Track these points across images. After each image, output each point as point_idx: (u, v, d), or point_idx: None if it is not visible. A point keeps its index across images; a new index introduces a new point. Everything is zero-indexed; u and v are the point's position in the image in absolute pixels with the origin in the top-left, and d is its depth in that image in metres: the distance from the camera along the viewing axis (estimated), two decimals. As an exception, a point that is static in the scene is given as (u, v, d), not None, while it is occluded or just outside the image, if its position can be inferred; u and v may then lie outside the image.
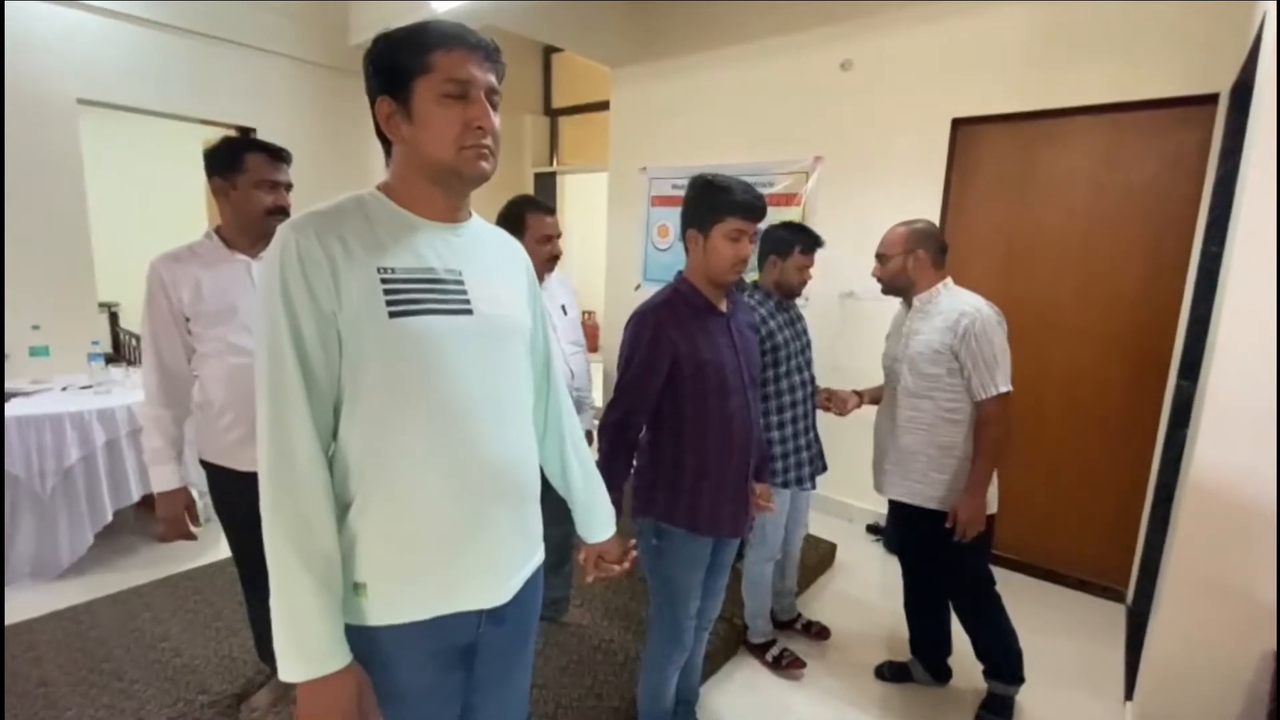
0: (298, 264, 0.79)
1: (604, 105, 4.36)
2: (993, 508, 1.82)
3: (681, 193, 3.95)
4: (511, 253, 1.04)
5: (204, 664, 1.97)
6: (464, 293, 0.89)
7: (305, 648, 0.80)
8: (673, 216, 4.00)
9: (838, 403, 2.10)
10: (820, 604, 2.57)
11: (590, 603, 2.34)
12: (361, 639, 0.86)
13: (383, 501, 0.86)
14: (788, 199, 3.51)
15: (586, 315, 5.26)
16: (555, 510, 1.19)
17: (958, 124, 2.88)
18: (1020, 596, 2.71)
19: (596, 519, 1.20)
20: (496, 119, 0.88)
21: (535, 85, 5.11)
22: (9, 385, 2.76)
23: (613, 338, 4.38)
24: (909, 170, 3.03)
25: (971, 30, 2.80)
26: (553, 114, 5.16)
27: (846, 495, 3.35)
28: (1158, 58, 2.42)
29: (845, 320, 3.34)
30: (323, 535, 0.81)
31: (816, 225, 3.51)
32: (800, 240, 2.06)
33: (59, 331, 3.04)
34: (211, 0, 3.38)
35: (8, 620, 2.16)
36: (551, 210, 2.06)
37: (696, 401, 1.44)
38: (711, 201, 1.40)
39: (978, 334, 1.69)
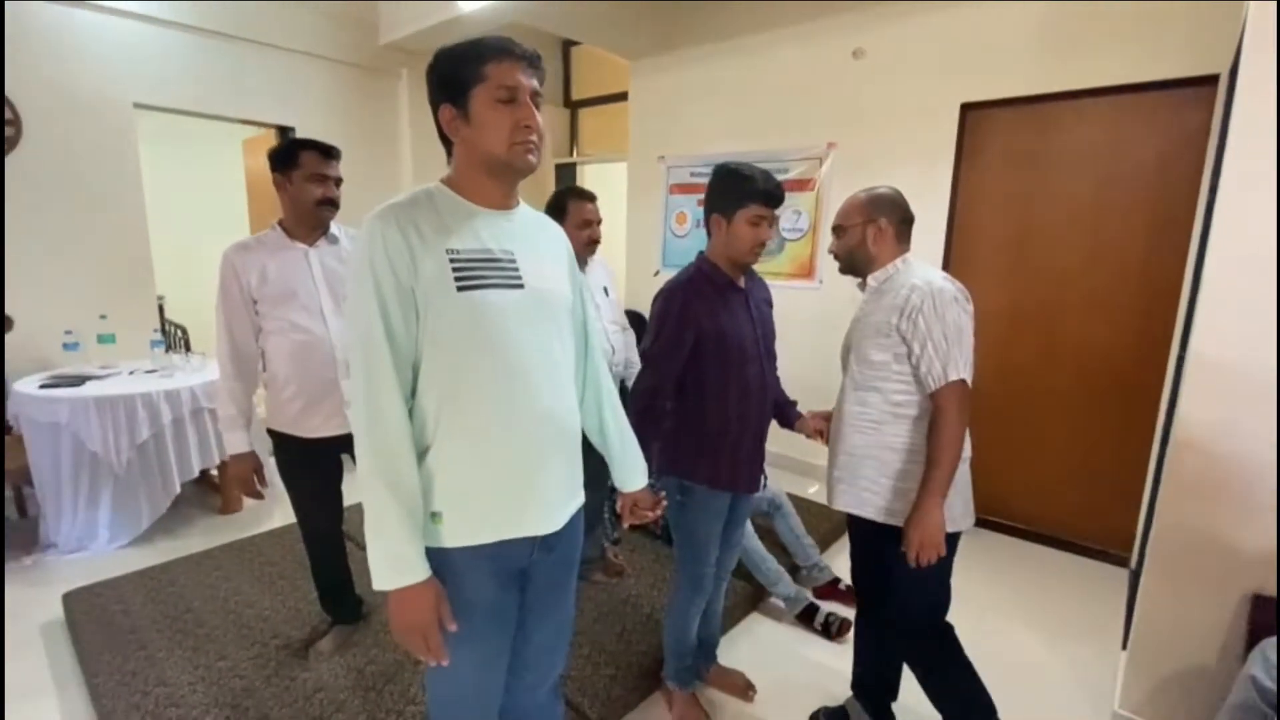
0: (383, 248, 0.96)
1: (622, 96, 4.49)
2: (962, 524, 1.49)
3: (699, 180, 4.14)
4: (553, 234, 1.21)
5: (274, 614, 2.19)
6: (516, 270, 1.06)
7: (395, 563, 0.97)
8: (690, 204, 4.14)
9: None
10: (836, 569, 2.72)
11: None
12: (438, 559, 1.04)
13: (455, 445, 1.03)
14: (802, 184, 3.63)
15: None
16: (590, 476, 1.33)
17: (967, 109, 2.98)
18: (1030, 564, 2.86)
19: (631, 470, 1.36)
20: (540, 117, 1.04)
21: (554, 78, 5.24)
22: (83, 369, 3.00)
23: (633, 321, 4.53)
24: (920, 154, 3.13)
25: (980, 16, 2.89)
26: (572, 106, 5.30)
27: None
28: (1161, 40, 2.50)
29: (855, 301, 3.46)
30: (407, 473, 0.99)
31: (831, 209, 3.63)
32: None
33: (121, 320, 3.27)
34: (253, 4, 3.57)
35: (97, 577, 2.41)
36: (591, 197, 2.21)
37: (718, 369, 1.59)
38: (736, 189, 1.54)
39: (926, 312, 1.39)
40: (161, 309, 5.60)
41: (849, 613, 2.40)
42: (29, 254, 3.02)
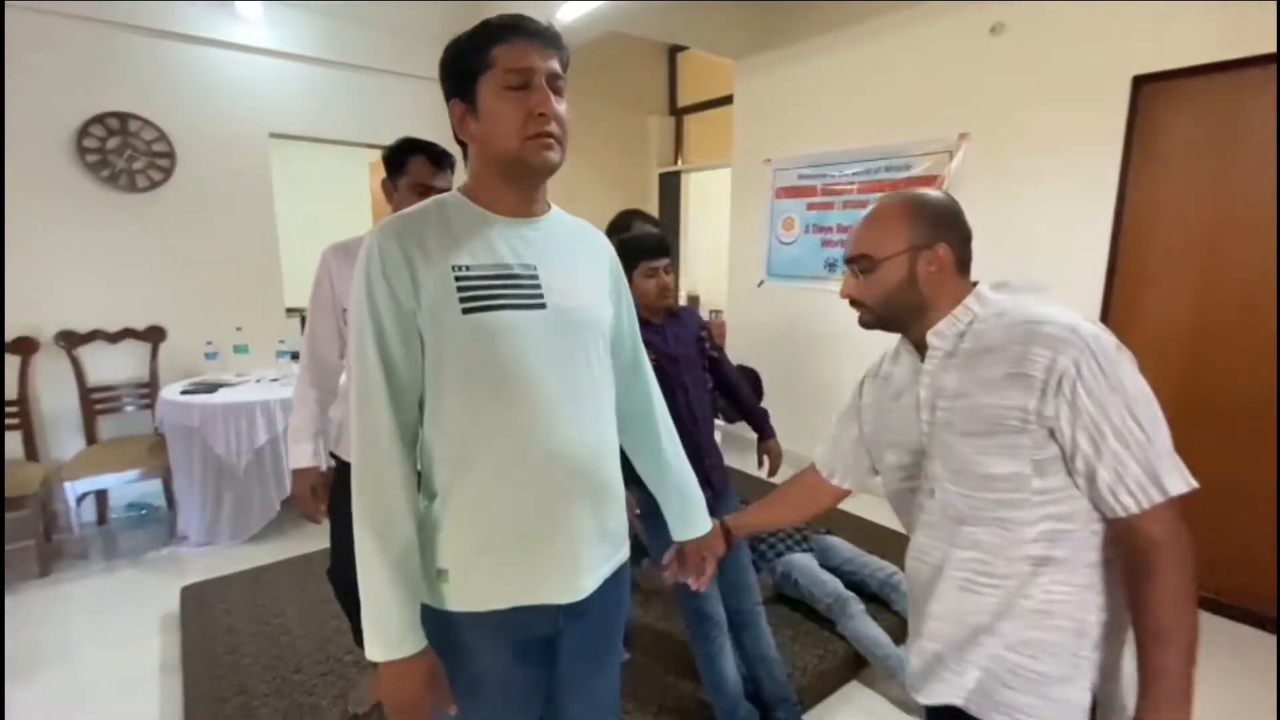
0: (380, 265, 0.84)
1: (728, 100, 4.28)
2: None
3: (807, 183, 3.82)
4: (591, 243, 1.03)
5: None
6: (538, 287, 0.90)
7: (383, 632, 0.84)
8: (799, 209, 3.83)
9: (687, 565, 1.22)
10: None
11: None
12: (442, 623, 0.90)
13: (463, 493, 0.88)
14: (927, 181, 3.21)
15: (714, 314, 5.19)
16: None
17: (1140, 82, 2.45)
18: (1253, 655, 2.25)
19: (692, 510, 1.18)
20: (562, 106, 0.87)
21: (660, 86, 5.14)
22: (219, 378, 3.28)
23: (740, 337, 4.28)
24: (1077, 141, 2.63)
25: (1159, -31, 2.36)
26: (678, 113, 5.17)
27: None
28: None
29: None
30: (401, 525, 0.85)
31: (963, 209, 3.18)
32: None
33: (254, 331, 3.55)
34: (370, 35, 3.78)
35: (215, 572, 2.58)
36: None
37: None
38: (625, 254, 1.55)
39: (1087, 378, 0.81)
40: (304, 320, 6.19)
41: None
42: (180, 272, 3.36)
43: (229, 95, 3.40)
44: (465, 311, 0.85)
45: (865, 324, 1.02)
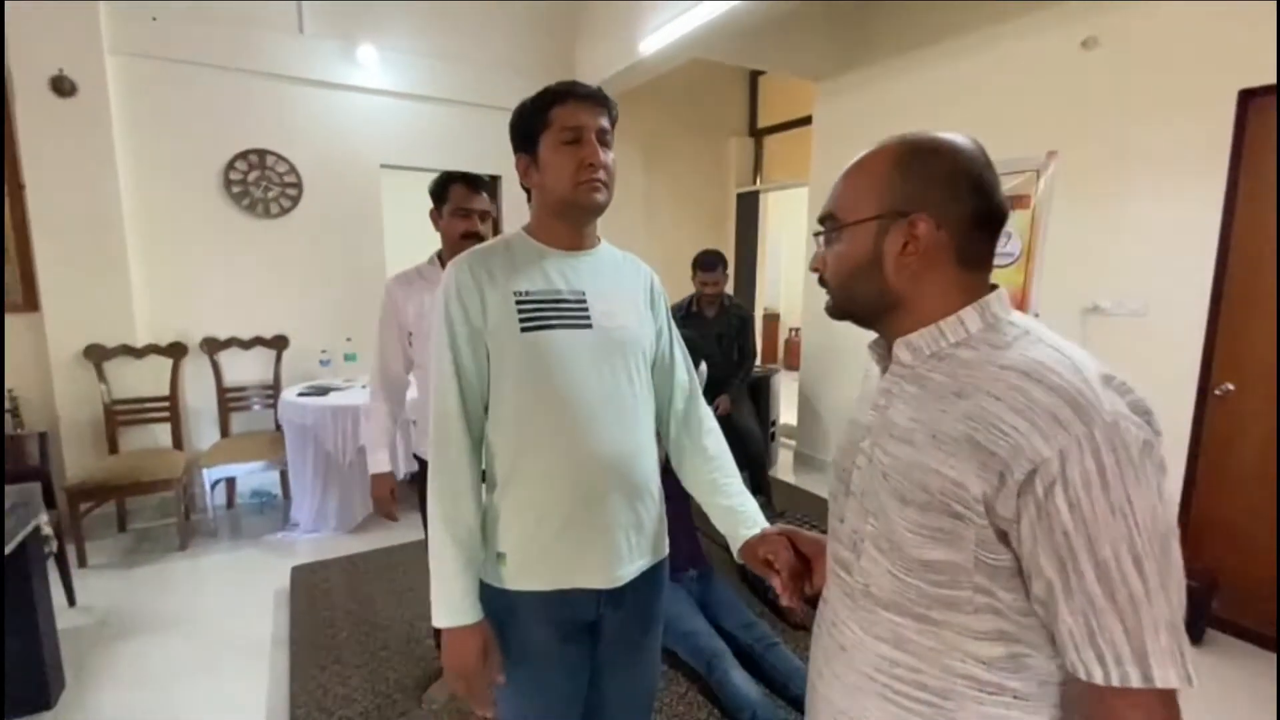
0: (456, 290, 1.00)
1: (808, 120, 4.31)
2: None
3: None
4: (634, 272, 1.16)
5: (432, 615, 2.43)
6: (585, 309, 1.04)
7: (446, 602, 0.99)
8: (877, 229, 3.79)
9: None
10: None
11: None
12: (501, 599, 1.04)
13: (518, 486, 1.03)
14: (1016, 201, 3.10)
15: (794, 333, 5.18)
16: None
17: (1248, 96, 2.29)
18: None
19: (728, 510, 1.08)
20: (610, 155, 1.02)
21: (741, 108, 5.23)
22: (331, 382, 3.66)
23: (815, 356, 4.26)
24: (1175, 160, 2.49)
25: (1271, -24, 2.22)
26: (757, 134, 5.24)
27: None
28: None
29: (1089, 343, 2.84)
30: (466, 511, 1.01)
31: (1053, 229, 3.06)
32: None
33: (363, 341, 3.94)
34: (469, 72, 4.13)
35: (320, 557, 2.88)
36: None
37: None
38: None
39: (1081, 482, 0.55)
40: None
41: None
42: (302, 288, 3.80)
43: (347, 131, 3.83)
44: (523, 330, 0.99)
45: (829, 311, 0.79)
